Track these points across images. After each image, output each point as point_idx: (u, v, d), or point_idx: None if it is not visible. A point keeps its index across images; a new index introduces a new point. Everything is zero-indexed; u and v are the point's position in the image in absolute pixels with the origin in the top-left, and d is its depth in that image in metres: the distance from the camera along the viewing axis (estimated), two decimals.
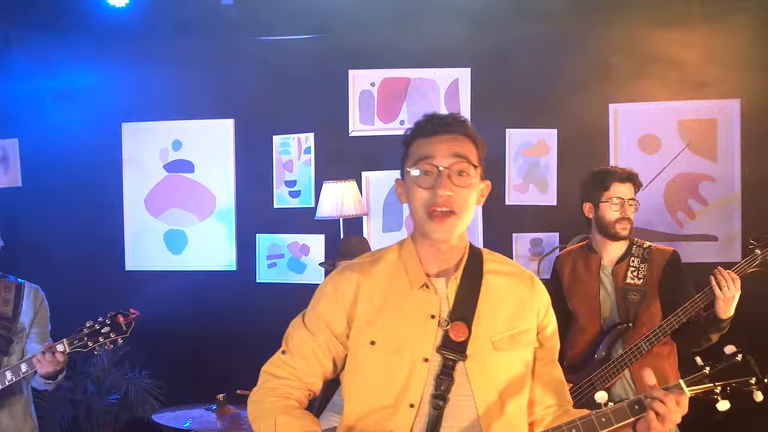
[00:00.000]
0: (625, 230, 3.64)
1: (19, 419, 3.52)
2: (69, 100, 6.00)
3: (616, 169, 3.78)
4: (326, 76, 6.02)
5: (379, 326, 2.21)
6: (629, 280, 3.59)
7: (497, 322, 2.21)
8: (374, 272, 2.28)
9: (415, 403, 2.13)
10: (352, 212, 5.47)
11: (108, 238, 6.16)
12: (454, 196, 2.16)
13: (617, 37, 5.69)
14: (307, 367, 2.27)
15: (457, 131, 2.22)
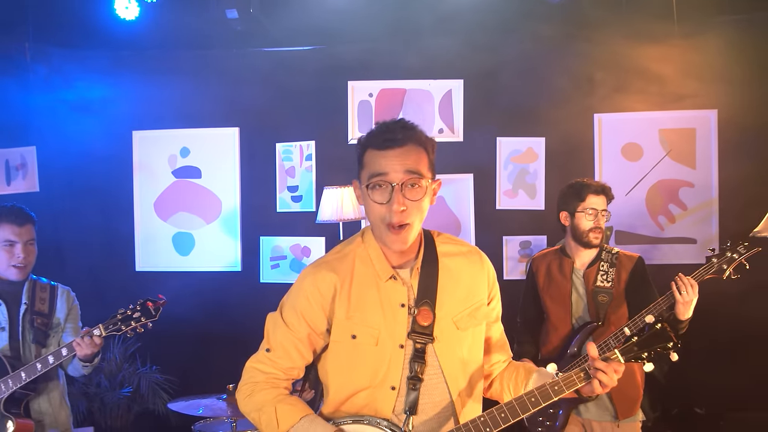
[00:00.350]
0: (597, 239, 3.94)
1: (56, 405, 3.85)
2: (83, 110, 6.28)
3: (591, 182, 4.05)
4: (327, 87, 6.32)
5: (357, 320, 2.43)
6: (599, 283, 3.91)
7: (456, 302, 2.48)
8: (346, 270, 2.48)
9: (396, 386, 2.41)
10: (351, 216, 5.76)
11: (119, 241, 6.45)
12: (408, 209, 2.35)
13: (601, 52, 5.99)
14: (291, 361, 2.48)
15: (408, 142, 2.40)
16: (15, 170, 6.33)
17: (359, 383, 2.45)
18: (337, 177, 6.03)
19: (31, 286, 3.86)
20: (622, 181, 5.99)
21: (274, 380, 2.50)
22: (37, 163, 6.36)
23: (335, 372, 2.50)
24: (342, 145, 6.29)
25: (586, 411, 3.85)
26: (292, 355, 2.49)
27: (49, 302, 3.88)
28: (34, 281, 3.90)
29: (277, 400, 2.45)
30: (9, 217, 3.77)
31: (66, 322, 3.93)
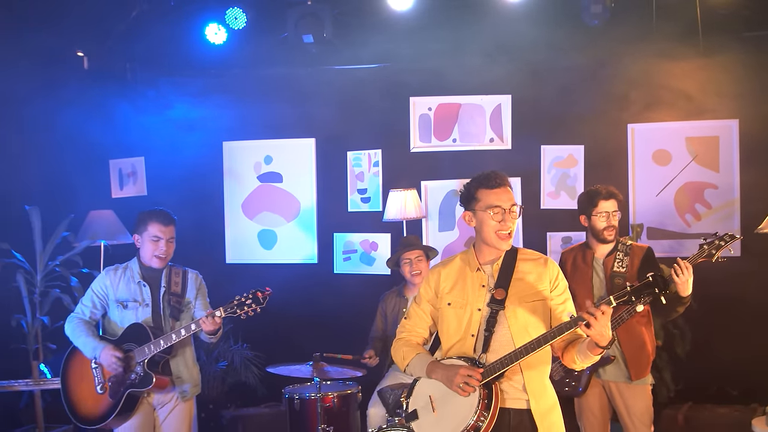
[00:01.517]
0: (611, 235, 4.76)
1: (190, 366, 4.83)
2: (181, 125, 7.29)
3: (601, 189, 4.83)
4: (391, 101, 7.23)
5: (452, 294, 3.61)
6: (615, 268, 4.73)
7: (523, 288, 3.52)
8: (449, 265, 3.68)
9: (474, 334, 3.51)
10: (413, 215, 6.67)
11: (212, 237, 7.43)
12: (511, 225, 3.50)
13: (634, 69, 6.82)
14: (418, 324, 3.74)
15: (507, 185, 3.55)
16: (127, 177, 7.44)
17: (454, 335, 3.58)
18: (401, 181, 6.93)
19: (167, 272, 4.84)
20: (653, 184, 6.80)
21: (408, 336, 3.77)
22: (146, 171, 7.45)
23: (442, 330, 3.66)
24: (405, 153, 7.24)
25: (605, 373, 4.69)
26: (418, 319, 3.76)
27: (182, 285, 4.86)
28: (170, 267, 4.87)
29: (406, 345, 3.73)
30: (158, 217, 4.75)
31: (195, 299, 4.90)
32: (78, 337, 4.65)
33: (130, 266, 4.83)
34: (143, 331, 4.62)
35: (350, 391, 5.46)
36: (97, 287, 4.78)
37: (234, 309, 4.53)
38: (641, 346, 4.65)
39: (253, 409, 6.89)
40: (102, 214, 6.77)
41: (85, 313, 4.73)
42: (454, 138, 7.20)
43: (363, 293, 7.10)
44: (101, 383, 4.59)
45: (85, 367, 4.67)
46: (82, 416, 4.67)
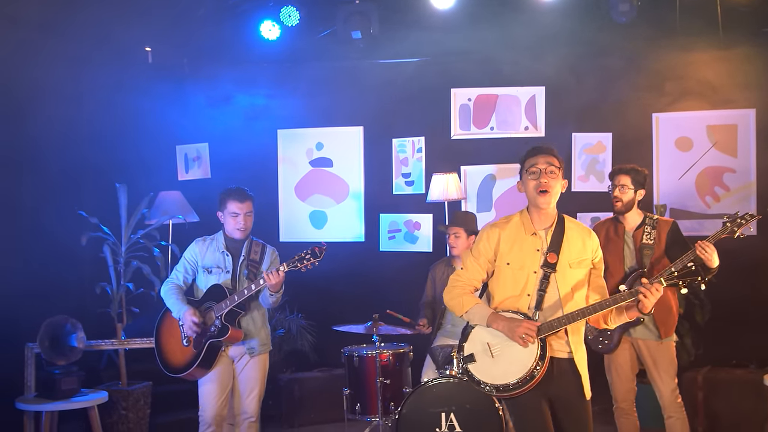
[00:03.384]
0: (616, 206, 5.32)
1: (258, 325, 5.39)
2: (241, 113, 7.88)
3: (618, 167, 5.45)
4: (433, 92, 7.83)
5: (511, 255, 4.03)
6: (644, 240, 5.27)
7: (572, 254, 4.02)
8: (506, 227, 4.10)
9: (530, 293, 4.00)
10: (454, 196, 7.22)
11: (267, 217, 7.86)
12: (549, 183, 3.95)
13: (658, 62, 7.38)
14: (474, 275, 4.14)
15: (548, 153, 4.02)
16: (192, 161, 8.07)
17: (509, 292, 4.06)
18: (442, 165, 7.49)
19: (248, 244, 5.44)
20: (676, 168, 7.36)
21: (464, 285, 4.16)
22: (209, 156, 8.08)
23: (497, 285, 4.12)
24: (446, 140, 7.82)
25: (635, 332, 5.25)
26: (475, 272, 4.15)
27: (260, 255, 5.45)
28: (251, 240, 5.47)
29: (464, 294, 4.14)
30: (234, 195, 5.35)
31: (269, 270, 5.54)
32: (169, 299, 5.25)
33: (216, 238, 5.44)
34: (221, 290, 5.22)
35: (403, 350, 6.06)
36: (188, 255, 5.40)
37: (295, 263, 5.08)
38: (668, 309, 5.22)
39: (307, 373, 7.51)
40: (171, 194, 7.41)
41: (179, 278, 5.35)
42: (491, 126, 7.77)
43: (405, 268, 7.70)
44: (186, 337, 5.19)
45: (174, 325, 5.29)
46: (171, 366, 5.29)
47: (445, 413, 5.31)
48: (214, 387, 5.22)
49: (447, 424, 5.30)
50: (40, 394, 5.93)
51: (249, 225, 5.40)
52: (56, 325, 5.97)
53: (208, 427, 5.21)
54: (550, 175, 3.99)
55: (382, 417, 5.82)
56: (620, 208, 5.35)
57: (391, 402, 5.86)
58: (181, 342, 5.23)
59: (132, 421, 6.32)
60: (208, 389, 5.23)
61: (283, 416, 7.30)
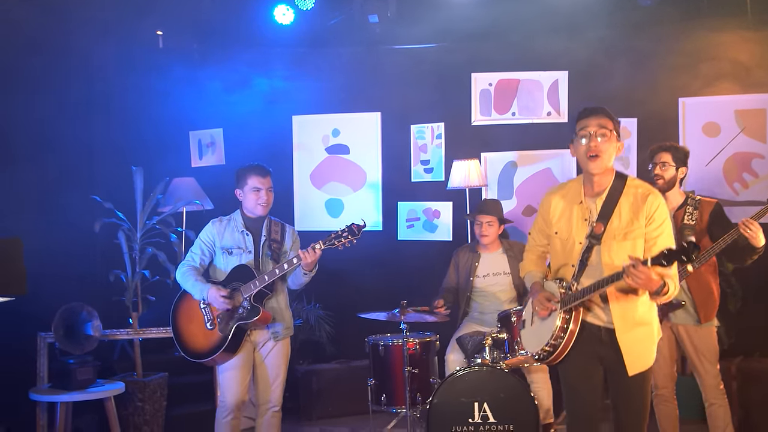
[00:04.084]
0: (658, 183, 5.15)
1: (283, 307, 5.21)
2: (255, 99, 7.67)
3: (661, 144, 5.31)
4: (453, 77, 7.64)
5: (560, 224, 3.98)
6: (686, 221, 5.11)
7: (621, 224, 3.82)
8: (559, 194, 4.03)
9: (574, 264, 3.88)
10: (476, 183, 7.06)
11: (281, 205, 7.65)
12: (599, 147, 3.76)
13: (685, 45, 7.20)
14: (537, 242, 4.20)
15: (600, 114, 3.82)
16: (206, 147, 7.88)
17: (560, 261, 4.01)
18: (463, 151, 7.32)
19: (268, 223, 5.27)
20: (703, 154, 7.16)
21: (531, 248, 4.27)
22: (224, 142, 7.90)
23: (551, 252, 4.12)
24: (466, 126, 7.64)
25: (675, 317, 5.08)
26: (536, 237, 4.22)
27: (281, 234, 5.29)
28: (270, 220, 5.30)
29: (527, 258, 4.28)
30: (255, 170, 5.19)
31: (291, 250, 5.34)
32: (187, 281, 5.05)
33: (234, 218, 5.25)
34: (248, 271, 5.03)
35: (429, 339, 5.88)
36: (204, 236, 5.20)
37: (332, 241, 4.95)
38: (709, 292, 5.06)
39: (325, 365, 7.32)
40: (185, 181, 7.24)
41: (195, 260, 5.14)
42: (513, 112, 7.59)
43: (425, 257, 7.54)
44: (210, 320, 4.99)
45: (193, 308, 5.08)
46: (194, 351, 5.06)
47: (477, 403, 5.17)
48: (237, 373, 5.05)
49: (480, 414, 5.14)
50: (54, 385, 5.74)
51: (271, 201, 5.26)
52: (72, 313, 5.78)
53: (229, 413, 5.04)
54: (602, 138, 3.80)
55: (409, 408, 5.61)
56: (662, 185, 5.19)
57: (417, 393, 5.69)
58: (204, 326, 5.04)
59: (148, 413, 6.13)
60: (231, 375, 5.04)
61: (301, 409, 7.11)
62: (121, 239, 6.27)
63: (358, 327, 6.53)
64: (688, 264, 3.33)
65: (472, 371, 5.23)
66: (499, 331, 5.38)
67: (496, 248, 6.20)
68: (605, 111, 3.87)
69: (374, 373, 5.91)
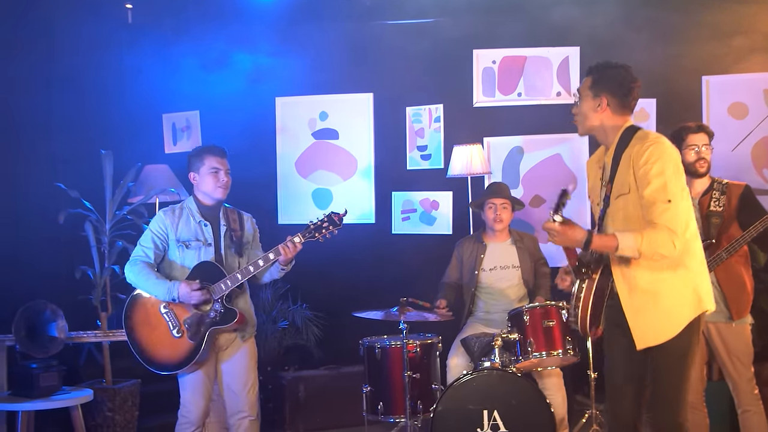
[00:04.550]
0: (702, 167, 5.05)
1: (249, 305, 5.08)
2: (235, 79, 7.49)
3: (690, 124, 5.18)
4: (453, 55, 7.49)
5: (590, 189, 4.17)
6: (712, 208, 5.00)
7: (621, 180, 3.81)
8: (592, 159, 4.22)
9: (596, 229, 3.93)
10: (479, 170, 6.93)
11: (264, 196, 7.62)
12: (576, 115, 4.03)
13: (708, 18, 7.06)
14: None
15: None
16: (181, 131, 7.74)
17: None
18: (464, 136, 7.16)
19: (224, 211, 5.09)
20: (729, 138, 7.06)
21: None
22: (201, 125, 7.75)
23: None
24: (468, 107, 7.50)
25: None
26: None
27: (239, 223, 5.12)
28: (225, 207, 5.13)
29: None
30: (212, 150, 5.02)
31: (253, 240, 5.20)
32: (146, 281, 4.80)
33: (187, 206, 5.05)
34: (214, 268, 4.87)
35: (431, 341, 5.74)
36: (156, 228, 4.96)
37: (312, 233, 4.90)
38: (741, 285, 4.95)
39: (313, 371, 7.16)
40: (157, 168, 7.09)
41: (149, 255, 4.89)
42: (519, 92, 7.47)
43: (421, 253, 7.41)
44: (176, 326, 4.78)
45: (153, 314, 4.84)
46: (161, 363, 4.83)
47: (487, 411, 5.03)
48: (200, 382, 4.89)
49: (490, 423, 5.01)
50: (14, 392, 5.55)
51: (229, 185, 5.09)
52: (34, 312, 5.60)
53: (195, 428, 4.90)
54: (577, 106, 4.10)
55: (409, 417, 5.48)
56: (707, 169, 5.12)
57: (418, 400, 5.56)
58: (170, 333, 4.81)
59: (119, 424, 5.99)
60: (196, 386, 4.89)
61: (286, 420, 6.93)
62: (88, 231, 6.12)
63: (349, 329, 6.40)
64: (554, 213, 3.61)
65: (481, 375, 5.09)
66: (509, 331, 5.28)
67: (506, 238, 6.09)
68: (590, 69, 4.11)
69: (369, 379, 5.76)
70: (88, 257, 6.22)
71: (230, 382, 4.98)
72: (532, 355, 5.17)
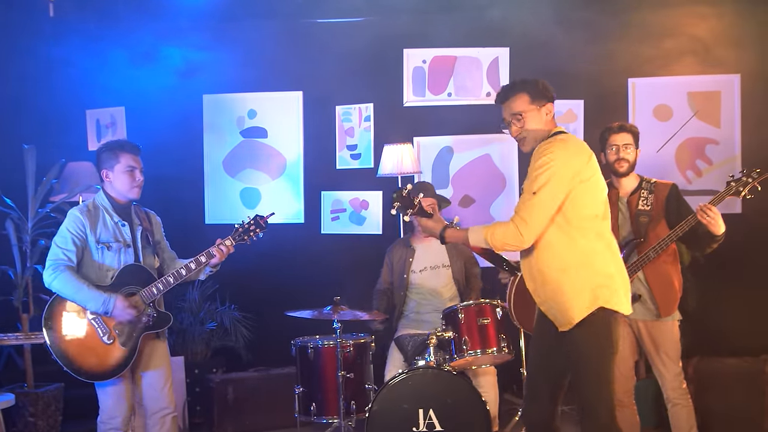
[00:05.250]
0: (622, 168, 5.09)
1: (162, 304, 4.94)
2: (161, 76, 7.36)
3: (613, 125, 5.24)
4: (383, 54, 7.45)
5: None
6: (640, 206, 5.05)
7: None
8: None
9: None
10: (409, 170, 6.90)
11: (190, 195, 7.52)
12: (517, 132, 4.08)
13: (636, 20, 7.19)
14: None
15: (499, 101, 4.14)
16: (105, 128, 7.54)
17: None
18: (394, 136, 7.11)
19: (135, 210, 4.98)
20: (654, 140, 7.19)
21: None
22: (126, 121, 7.56)
23: None
24: (398, 107, 7.50)
25: (633, 312, 5.01)
26: None
27: (149, 222, 5.03)
28: (134, 206, 4.99)
29: None
30: (128, 147, 4.89)
31: (161, 240, 5.12)
32: (78, 291, 4.58)
33: (100, 204, 4.88)
34: (143, 272, 4.80)
35: (364, 341, 5.70)
36: (74, 229, 4.73)
37: (241, 236, 4.95)
38: (669, 283, 5.02)
39: (242, 373, 7.05)
40: (81, 165, 6.91)
41: (71, 259, 4.67)
42: (449, 92, 7.49)
43: (351, 253, 7.37)
44: (106, 333, 4.62)
45: (78, 320, 4.66)
46: (92, 371, 4.64)
47: (422, 409, 5.01)
48: (124, 388, 4.77)
49: (425, 422, 4.99)
50: None
51: (142, 183, 4.96)
52: None
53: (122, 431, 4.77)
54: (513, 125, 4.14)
55: (343, 418, 5.43)
56: (627, 169, 5.16)
57: (352, 401, 5.52)
58: (99, 340, 4.63)
59: (41, 429, 5.81)
60: (118, 391, 4.75)
61: (215, 423, 6.81)
62: (9, 230, 5.92)
63: (278, 331, 6.32)
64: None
65: (416, 375, 5.07)
66: (444, 330, 5.28)
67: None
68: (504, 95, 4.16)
69: (302, 379, 5.70)
70: (9, 256, 6.01)
71: (153, 381, 4.88)
72: (467, 353, 5.17)
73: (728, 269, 6.73)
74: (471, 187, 7.49)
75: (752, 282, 6.80)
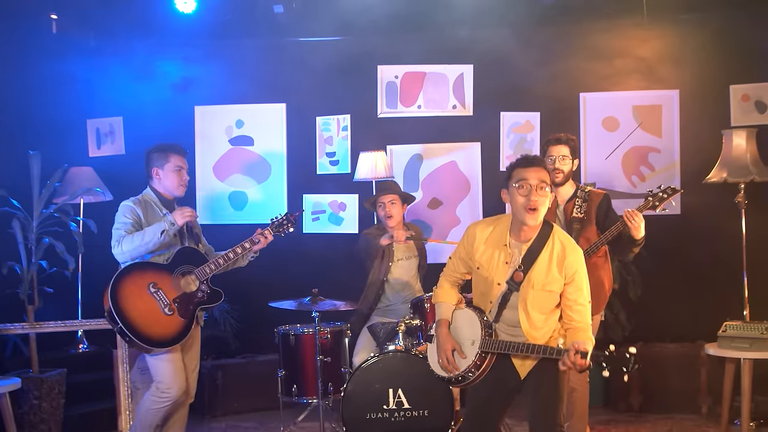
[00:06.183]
0: (557, 177, 5.04)
1: None
2: (156, 88, 7.45)
3: (551, 137, 5.29)
4: (359, 70, 7.55)
5: (482, 260, 4.00)
6: (574, 214, 5.08)
7: (541, 276, 3.87)
8: (488, 230, 4.02)
9: (492, 302, 3.99)
10: (383, 175, 6.94)
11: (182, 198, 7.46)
12: (539, 201, 3.79)
13: (586, 43, 7.35)
14: (454, 269, 4.20)
15: (540, 166, 3.87)
16: (104, 136, 7.56)
17: (479, 293, 4.11)
18: (369, 144, 7.18)
19: (178, 203, 5.11)
20: (602, 148, 7.35)
21: (447, 276, 4.28)
22: (123, 131, 7.60)
23: (473, 282, 4.19)
24: (372, 118, 7.60)
25: None
26: (454, 265, 4.22)
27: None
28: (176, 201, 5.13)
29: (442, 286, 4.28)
30: (176, 149, 5.03)
31: (200, 232, 5.24)
32: (142, 234, 4.71)
33: (149, 199, 5.00)
34: (196, 253, 4.94)
35: (340, 328, 5.79)
36: (130, 216, 4.83)
37: (276, 228, 5.14)
38: (600, 285, 5.05)
39: (230, 360, 7.12)
40: (82, 170, 6.96)
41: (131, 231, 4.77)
42: (419, 104, 7.58)
43: (330, 250, 7.42)
44: (167, 305, 4.71)
45: (141, 294, 4.69)
46: (156, 339, 4.67)
47: (392, 389, 5.11)
48: (179, 360, 4.83)
49: (395, 400, 5.09)
50: None
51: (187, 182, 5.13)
52: None
53: (172, 403, 4.80)
54: (540, 192, 3.83)
55: (321, 398, 5.50)
56: (562, 179, 5.16)
57: (329, 382, 5.60)
58: (161, 312, 4.71)
59: (46, 411, 5.81)
60: (176, 363, 4.79)
61: (206, 406, 6.87)
62: (15, 228, 5.92)
63: (263, 321, 6.43)
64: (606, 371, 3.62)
65: (386, 358, 5.17)
66: (412, 318, 5.35)
67: None
68: (544, 163, 3.97)
69: (284, 364, 5.77)
70: (16, 253, 6.02)
71: (187, 363, 4.95)
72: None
73: (669, 264, 6.95)
74: (439, 191, 7.58)
75: (690, 275, 6.97)
